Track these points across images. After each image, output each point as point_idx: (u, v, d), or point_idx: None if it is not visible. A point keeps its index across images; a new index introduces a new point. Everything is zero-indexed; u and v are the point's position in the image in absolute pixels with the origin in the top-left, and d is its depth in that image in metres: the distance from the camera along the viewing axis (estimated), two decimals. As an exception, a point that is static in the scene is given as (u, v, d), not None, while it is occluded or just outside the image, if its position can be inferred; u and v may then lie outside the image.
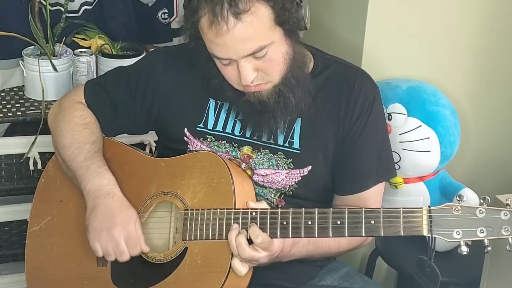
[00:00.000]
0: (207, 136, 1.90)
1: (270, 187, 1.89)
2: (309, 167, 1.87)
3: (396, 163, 2.16)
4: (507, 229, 1.58)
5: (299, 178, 1.87)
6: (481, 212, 1.60)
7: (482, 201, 1.61)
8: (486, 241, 1.60)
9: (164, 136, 2.00)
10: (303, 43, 1.84)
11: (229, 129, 1.89)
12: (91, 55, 2.55)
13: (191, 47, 1.80)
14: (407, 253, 2.25)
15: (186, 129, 1.91)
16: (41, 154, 2.38)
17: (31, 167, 2.38)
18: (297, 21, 1.72)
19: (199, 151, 1.89)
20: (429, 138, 2.23)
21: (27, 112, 2.44)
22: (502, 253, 1.73)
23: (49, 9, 2.49)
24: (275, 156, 1.87)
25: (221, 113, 1.90)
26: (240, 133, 1.89)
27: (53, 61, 2.46)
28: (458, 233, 1.60)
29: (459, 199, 1.62)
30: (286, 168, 1.87)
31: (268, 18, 1.68)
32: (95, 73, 2.56)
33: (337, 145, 1.88)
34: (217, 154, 1.84)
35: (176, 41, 2.73)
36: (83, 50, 2.57)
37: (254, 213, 1.73)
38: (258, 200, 1.85)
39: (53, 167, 2.00)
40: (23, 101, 2.50)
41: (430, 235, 1.62)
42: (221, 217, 1.76)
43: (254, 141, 1.88)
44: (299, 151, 1.86)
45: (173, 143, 1.94)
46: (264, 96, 1.78)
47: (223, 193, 1.78)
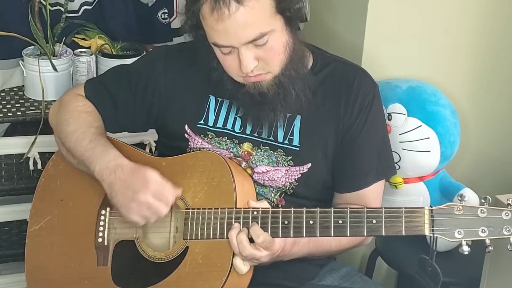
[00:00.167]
0: (208, 132, 1.90)
1: (270, 186, 1.89)
2: (309, 164, 1.87)
3: (396, 163, 2.16)
4: (508, 229, 1.59)
5: (299, 175, 1.87)
6: (483, 212, 1.60)
7: (483, 201, 1.62)
8: (487, 241, 1.60)
9: (164, 134, 2.00)
10: (303, 42, 1.84)
11: (229, 126, 1.89)
12: (91, 55, 2.55)
13: (192, 37, 1.80)
14: (407, 253, 2.25)
15: (186, 126, 1.91)
16: (41, 154, 2.37)
17: (31, 167, 2.38)
18: (298, 10, 1.74)
19: (200, 150, 1.89)
20: (429, 138, 2.23)
21: (27, 112, 2.43)
22: (502, 253, 1.74)
23: (49, 9, 2.49)
24: (275, 153, 1.87)
25: (221, 110, 1.90)
26: (240, 130, 1.89)
27: (53, 61, 2.45)
28: (459, 232, 1.61)
29: (460, 199, 1.62)
30: (285, 165, 1.87)
31: (269, 4, 1.70)
32: (95, 73, 2.55)
33: (337, 143, 1.88)
34: (218, 153, 1.85)
35: (176, 41, 2.72)
36: (83, 50, 2.56)
37: (255, 213, 1.73)
38: (258, 199, 1.85)
39: (53, 166, 2.00)
40: (23, 101, 2.50)
41: (432, 235, 1.63)
42: (222, 216, 1.76)
43: (254, 138, 1.88)
44: (298, 148, 1.87)
45: (173, 141, 1.94)
46: (264, 87, 1.78)
47: (224, 193, 1.78)
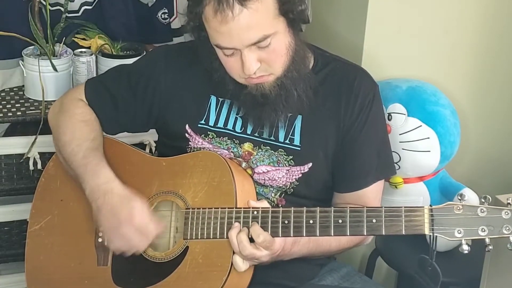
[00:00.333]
0: (209, 132, 1.90)
1: (270, 186, 1.89)
2: (310, 164, 1.87)
3: (396, 163, 2.16)
4: (508, 228, 1.58)
5: (300, 175, 1.87)
6: (482, 211, 1.60)
7: (483, 200, 1.62)
8: (487, 240, 1.60)
9: (164, 134, 2.00)
10: (304, 42, 1.84)
11: (230, 126, 1.89)
12: (91, 55, 2.55)
13: (194, 38, 1.80)
14: (407, 253, 2.25)
15: (187, 126, 1.91)
16: (41, 154, 2.37)
17: (31, 167, 2.38)
18: (301, 12, 1.74)
19: (200, 150, 1.89)
20: (429, 138, 2.23)
21: (27, 112, 2.43)
22: (502, 252, 1.74)
23: (49, 9, 2.48)
24: (276, 153, 1.87)
25: (222, 110, 1.90)
26: (241, 130, 1.89)
27: (53, 61, 2.45)
28: (459, 232, 1.61)
29: (460, 198, 1.62)
30: (286, 165, 1.87)
31: (272, 6, 1.69)
32: (95, 73, 2.55)
33: (337, 142, 1.88)
34: (218, 153, 1.84)
35: (176, 41, 2.72)
36: (83, 50, 2.56)
37: (255, 212, 1.73)
38: (258, 199, 1.85)
39: (54, 166, 1.99)
40: (23, 101, 2.50)
41: (431, 234, 1.63)
42: (223, 216, 1.76)
43: (255, 138, 1.88)
44: (299, 148, 1.87)
45: (174, 140, 1.94)
46: (266, 88, 1.78)
47: (225, 192, 1.78)
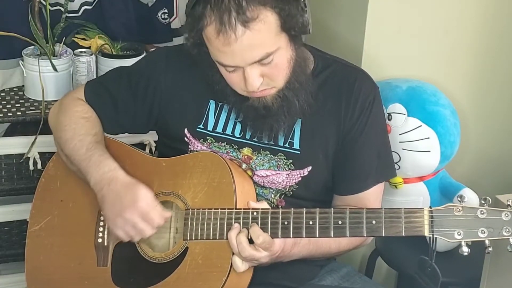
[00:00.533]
0: (207, 137, 1.89)
1: (270, 188, 1.89)
2: (309, 168, 1.87)
3: (396, 163, 2.16)
4: (508, 230, 1.58)
5: (299, 178, 1.87)
6: (482, 212, 1.60)
7: (483, 202, 1.61)
8: (487, 242, 1.60)
9: (164, 135, 2.00)
10: (303, 44, 1.83)
11: (229, 131, 1.89)
12: (91, 55, 2.55)
13: (194, 53, 1.78)
14: (407, 253, 2.25)
15: (186, 130, 1.90)
16: (41, 154, 2.37)
17: (31, 167, 2.38)
18: (302, 27, 1.72)
19: (200, 151, 1.89)
20: (429, 138, 2.23)
21: (27, 112, 2.43)
22: (502, 253, 1.74)
23: (49, 9, 2.49)
24: (276, 157, 1.87)
25: (221, 115, 1.89)
26: (240, 135, 1.88)
27: (53, 61, 2.45)
28: (459, 233, 1.61)
29: (460, 199, 1.62)
30: (286, 169, 1.87)
31: (275, 24, 1.67)
32: (95, 73, 2.55)
33: (337, 145, 1.88)
34: (218, 154, 1.84)
35: (176, 41, 2.73)
36: (83, 50, 2.56)
37: (255, 213, 1.73)
38: (258, 200, 1.85)
39: (54, 166, 1.99)
40: (23, 101, 2.50)
41: (431, 236, 1.63)
42: (222, 217, 1.76)
43: (254, 143, 1.88)
44: (299, 152, 1.86)
45: (174, 142, 1.94)
46: (268, 101, 1.77)
47: (224, 193, 1.78)
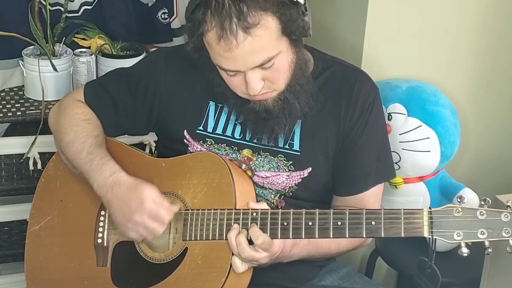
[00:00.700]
0: (207, 139, 1.89)
1: (270, 188, 1.89)
2: (309, 169, 1.86)
3: (396, 163, 2.16)
4: (507, 231, 1.58)
5: (299, 179, 1.87)
6: (482, 213, 1.60)
7: (482, 203, 1.61)
8: (486, 243, 1.60)
9: (164, 136, 1.99)
10: (303, 45, 1.83)
11: (229, 132, 1.89)
12: (91, 55, 2.55)
13: (194, 57, 1.78)
14: (407, 253, 2.25)
15: (185, 132, 1.90)
16: (41, 154, 2.37)
17: (31, 167, 2.38)
18: (303, 31, 1.71)
19: (200, 151, 1.89)
20: (429, 138, 2.23)
21: (27, 112, 2.43)
22: (502, 254, 1.73)
23: (49, 9, 2.48)
24: (276, 158, 1.87)
25: (221, 116, 1.89)
26: (240, 136, 1.88)
27: (53, 61, 2.45)
28: (458, 234, 1.60)
29: (459, 200, 1.62)
30: (286, 170, 1.86)
31: (276, 29, 1.67)
32: (95, 73, 2.55)
33: (337, 146, 1.87)
34: (218, 154, 1.84)
35: (176, 41, 2.73)
36: (83, 50, 2.56)
37: (254, 214, 1.73)
38: (258, 201, 1.85)
39: (54, 166, 1.99)
40: (23, 101, 2.50)
41: (430, 237, 1.62)
42: (222, 217, 1.76)
43: (254, 144, 1.87)
44: (299, 153, 1.86)
45: (173, 143, 1.93)
46: (269, 104, 1.77)
47: (224, 194, 1.77)
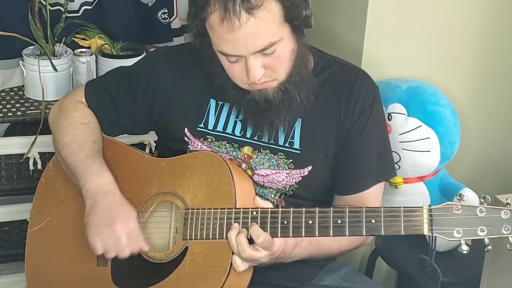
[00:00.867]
0: (208, 136, 1.89)
1: (270, 187, 1.89)
2: (309, 167, 1.86)
3: (396, 163, 2.16)
4: (507, 228, 1.58)
5: (300, 178, 1.87)
6: (482, 211, 1.60)
7: (482, 200, 1.61)
8: (486, 240, 1.60)
9: (164, 136, 2.00)
10: (305, 44, 1.83)
11: (229, 130, 1.89)
12: (91, 55, 2.55)
13: (196, 45, 1.79)
14: (407, 253, 2.25)
15: (186, 129, 1.90)
16: (41, 154, 2.37)
17: (31, 167, 2.38)
18: (305, 18, 1.73)
19: (200, 150, 1.89)
20: (429, 138, 2.23)
21: (27, 112, 2.44)
22: (502, 252, 1.73)
23: (49, 9, 2.49)
24: (276, 156, 1.87)
25: (221, 113, 1.89)
26: (240, 134, 1.88)
27: (53, 61, 2.46)
28: (458, 232, 1.60)
29: (459, 198, 1.62)
30: (286, 168, 1.87)
31: (278, 14, 1.68)
32: (95, 73, 2.56)
33: (338, 145, 1.88)
34: (218, 154, 1.84)
35: (176, 41, 2.73)
36: (83, 50, 2.57)
37: (254, 213, 1.73)
38: (258, 200, 1.85)
39: (54, 167, 1.99)
40: (23, 101, 2.50)
41: (430, 234, 1.62)
42: (222, 216, 1.75)
43: (254, 142, 1.88)
44: (299, 152, 1.86)
45: (173, 143, 1.94)
46: (269, 94, 1.78)
47: (224, 193, 1.77)
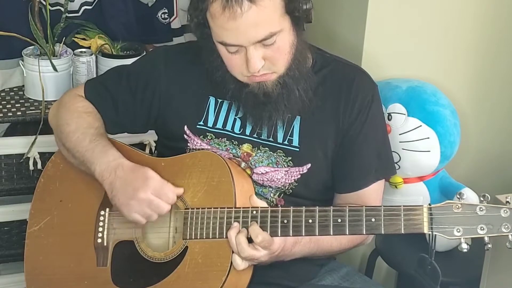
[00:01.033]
0: (207, 133, 1.90)
1: (269, 186, 1.89)
2: (309, 165, 1.87)
3: (396, 163, 2.16)
4: (507, 226, 1.59)
5: (299, 176, 1.87)
6: (481, 209, 1.60)
7: (482, 199, 1.61)
8: (486, 239, 1.60)
9: (163, 134, 2.00)
10: (304, 41, 1.84)
11: (229, 127, 1.89)
12: (91, 55, 2.55)
13: (196, 35, 1.80)
14: (407, 253, 2.25)
15: (186, 127, 1.90)
16: (41, 154, 2.37)
17: (31, 167, 2.38)
18: (306, 11, 1.74)
19: (199, 150, 1.89)
20: (429, 138, 2.23)
21: (27, 112, 2.44)
22: (502, 250, 1.73)
23: (49, 9, 2.49)
24: (275, 154, 1.87)
25: (221, 111, 1.90)
26: (240, 131, 1.89)
27: (53, 61, 2.46)
28: (458, 230, 1.61)
29: (459, 197, 1.62)
30: (285, 166, 1.87)
31: (279, 4, 1.70)
32: (95, 73, 2.56)
33: (337, 143, 1.88)
34: (217, 153, 1.84)
35: (176, 41, 2.73)
36: (83, 50, 2.57)
37: (254, 212, 1.73)
38: (258, 200, 1.85)
39: (53, 167, 2.00)
40: (23, 101, 2.50)
41: (430, 233, 1.63)
42: (222, 216, 1.76)
43: (253, 139, 1.88)
44: (298, 149, 1.86)
45: (172, 141, 1.94)
46: (268, 87, 1.78)
47: (224, 192, 1.77)
